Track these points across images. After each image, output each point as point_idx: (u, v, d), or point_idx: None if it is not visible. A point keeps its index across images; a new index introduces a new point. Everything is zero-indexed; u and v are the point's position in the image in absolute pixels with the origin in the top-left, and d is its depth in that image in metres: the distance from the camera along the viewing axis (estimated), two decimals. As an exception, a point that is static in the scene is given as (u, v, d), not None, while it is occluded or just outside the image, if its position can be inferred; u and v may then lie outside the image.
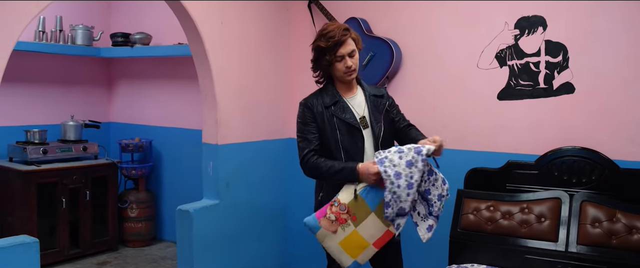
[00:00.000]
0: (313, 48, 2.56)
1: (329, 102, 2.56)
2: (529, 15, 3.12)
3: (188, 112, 4.86)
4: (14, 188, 4.23)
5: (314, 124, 2.56)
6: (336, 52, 2.48)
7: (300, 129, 2.59)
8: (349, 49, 2.51)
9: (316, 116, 2.56)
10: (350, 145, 2.53)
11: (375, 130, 2.56)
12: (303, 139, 2.57)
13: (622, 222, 2.66)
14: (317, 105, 2.57)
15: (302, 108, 2.60)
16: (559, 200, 2.85)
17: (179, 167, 4.99)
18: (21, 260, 2.49)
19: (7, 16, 2.44)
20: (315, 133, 2.55)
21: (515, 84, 3.19)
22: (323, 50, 2.50)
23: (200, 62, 3.39)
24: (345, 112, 2.55)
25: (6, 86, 3.59)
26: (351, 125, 2.54)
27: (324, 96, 2.59)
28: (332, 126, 2.54)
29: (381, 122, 2.59)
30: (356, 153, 2.53)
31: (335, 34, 2.48)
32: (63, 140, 4.67)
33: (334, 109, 2.55)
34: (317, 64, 2.58)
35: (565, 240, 2.75)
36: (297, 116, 2.63)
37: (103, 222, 4.72)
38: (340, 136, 2.53)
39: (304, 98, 2.64)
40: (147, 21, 5.07)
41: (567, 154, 2.92)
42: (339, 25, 2.52)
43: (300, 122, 2.59)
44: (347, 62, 2.51)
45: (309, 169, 2.55)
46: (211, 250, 3.39)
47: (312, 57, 2.59)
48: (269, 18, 3.82)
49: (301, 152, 2.56)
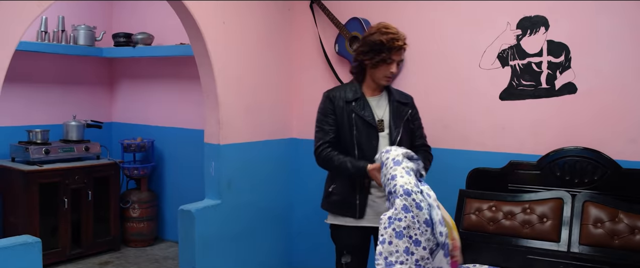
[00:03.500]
0: (369, 40, 2.54)
1: (351, 97, 2.60)
2: (531, 15, 3.12)
3: (190, 112, 4.87)
4: (16, 188, 4.24)
5: (333, 116, 2.60)
6: (392, 55, 2.51)
7: (319, 119, 2.64)
8: (401, 57, 2.56)
9: (336, 109, 2.60)
10: (365, 142, 2.57)
11: (393, 134, 2.59)
12: (320, 130, 2.62)
13: (625, 222, 2.66)
14: (339, 99, 2.61)
15: (324, 99, 2.66)
16: (561, 201, 2.84)
17: (181, 167, 5.00)
18: (23, 260, 2.49)
19: (9, 16, 2.44)
20: (332, 125, 2.60)
21: (517, 84, 3.18)
22: (380, 47, 2.50)
23: (203, 62, 3.39)
24: (365, 110, 2.58)
25: (8, 86, 3.58)
26: (368, 123, 2.58)
27: (347, 91, 2.63)
28: (350, 122, 2.58)
29: (400, 128, 2.61)
30: (370, 151, 2.56)
31: (399, 38, 2.51)
32: (65, 140, 4.68)
33: (354, 105, 2.58)
34: (364, 55, 2.56)
35: (567, 240, 2.75)
36: (318, 106, 2.67)
37: (105, 222, 4.72)
38: (357, 132, 2.57)
39: (329, 89, 2.69)
40: (149, 21, 5.07)
41: (569, 154, 2.92)
42: (401, 32, 2.54)
43: (320, 112, 2.65)
44: (394, 68, 2.54)
45: (321, 160, 2.62)
46: (213, 250, 3.39)
47: (362, 47, 2.57)
48: (271, 18, 3.82)
49: (316, 141, 2.63)
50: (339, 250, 2.70)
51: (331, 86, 3.85)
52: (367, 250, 2.72)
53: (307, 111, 4.03)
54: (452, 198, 3.04)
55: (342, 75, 3.78)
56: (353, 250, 2.65)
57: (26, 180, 4.15)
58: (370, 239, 2.71)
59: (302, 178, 4.05)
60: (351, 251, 2.65)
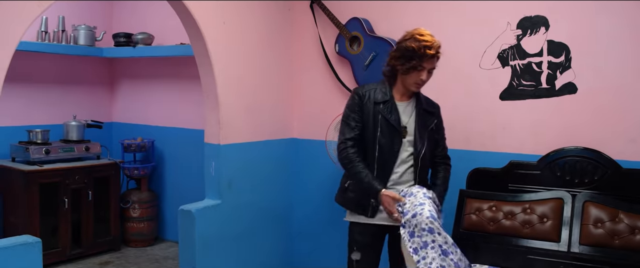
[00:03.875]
0: (402, 45, 2.54)
1: (380, 99, 2.60)
2: (532, 15, 3.12)
3: (190, 112, 4.87)
4: (17, 188, 4.24)
5: (360, 113, 2.61)
6: (423, 62, 2.50)
7: (346, 113, 2.65)
8: (433, 65, 2.55)
9: (363, 107, 2.61)
10: (387, 145, 2.58)
11: (418, 146, 2.60)
12: (346, 124, 2.63)
13: (625, 222, 2.66)
14: (368, 98, 2.61)
15: (354, 94, 2.66)
16: (561, 201, 2.84)
17: (181, 167, 5.00)
18: (23, 260, 2.49)
19: (9, 16, 2.44)
20: (358, 122, 2.61)
21: (517, 84, 3.18)
22: (412, 54, 2.49)
23: (203, 62, 3.39)
24: (392, 114, 2.58)
25: (9, 86, 3.58)
26: (393, 127, 2.58)
27: (377, 91, 2.63)
28: (375, 122, 2.59)
29: (425, 140, 2.62)
30: (390, 155, 2.58)
31: (432, 46, 2.49)
32: (65, 140, 4.68)
33: (382, 107, 2.59)
34: (396, 60, 2.56)
35: (567, 240, 2.75)
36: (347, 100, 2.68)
37: (105, 222, 4.72)
38: (380, 134, 2.58)
39: (360, 86, 2.70)
40: (150, 21, 5.07)
41: (569, 154, 2.92)
42: (435, 40, 2.52)
43: (347, 107, 2.66)
44: (424, 76, 2.53)
45: (342, 159, 2.63)
46: (213, 250, 3.39)
47: (395, 51, 2.58)
48: (271, 18, 3.82)
49: (341, 136, 2.64)
50: (350, 246, 2.72)
51: (332, 86, 3.89)
52: (379, 249, 2.73)
53: (307, 111, 4.03)
54: (452, 198, 3.04)
55: (342, 75, 3.78)
56: (363, 248, 2.66)
57: (26, 180, 4.15)
58: (384, 239, 2.73)
59: (303, 179, 4.05)
60: (361, 248, 2.66)
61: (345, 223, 2.77)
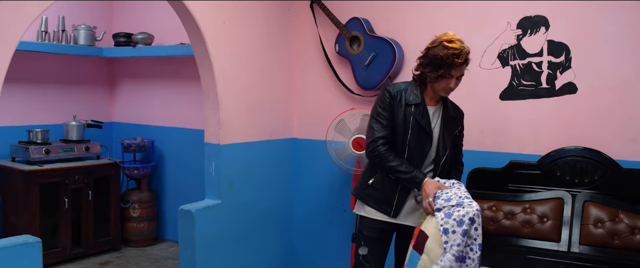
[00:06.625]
0: (430, 53, 2.48)
1: (412, 101, 2.57)
2: (532, 15, 3.12)
3: (190, 112, 4.87)
4: (17, 188, 4.24)
5: (392, 112, 2.57)
6: (451, 70, 2.45)
7: (376, 111, 2.60)
8: (461, 72, 2.50)
9: (395, 107, 2.57)
10: (416, 146, 2.56)
11: (440, 151, 2.59)
12: (377, 122, 2.58)
13: (625, 222, 2.66)
14: (400, 99, 2.57)
15: (386, 93, 2.60)
16: (561, 201, 2.85)
17: (181, 167, 5.00)
18: (23, 260, 2.49)
19: (9, 16, 2.44)
20: (390, 120, 2.57)
21: (517, 84, 3.18)
22: (440, 62, 2.44)
23: (203, 62, 3.39)
24: (424, 118, 2.56)
25: (8, 86, 3.58)
26: (425, 130, 2.56)
27: (409, 93, 2.59)
28: (406, 124, 2.56)
29: (448, 145, 2.61)
30: (420, 155, 2.57)
31: (461, 54, 2.43)
32: (65, 140, 4.68)
33: (414, 110, 2.56)
34: (425, 67, 2.53)
35: (567, 240, 2.75)
36: (377, 97, 2.63)
37: (105, 221, 4.72)
38: (410, 136, 2.55)
39: (392, 84, 2.65)
40: (150, 21, 5.07)
41: (569, 154, 2.92)
42: (464, 46, 2.46)
43: (379, 105, 2.60)
44: (452, 83, 2.50)
45: (375, 157, 2.57)
46: (213, 250, 3.39)
47: (423, 58, 2.54)
48: (271, 18, 3.82)
49: (372, 133, 2.58)
50: (358, 240, 2.72)
51: (332, 86, 3.89)
52: (387, 245, 2.73)
53: (307, 111, 4.03)
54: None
55: (342, 75, 3.78)
56: (371, 243, 2.67)
57: (26, 180, 4.15)
58: (393, 237, 2.73)
59: (303, 179, 4.05)
60: (369, 244, 2.67)
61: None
